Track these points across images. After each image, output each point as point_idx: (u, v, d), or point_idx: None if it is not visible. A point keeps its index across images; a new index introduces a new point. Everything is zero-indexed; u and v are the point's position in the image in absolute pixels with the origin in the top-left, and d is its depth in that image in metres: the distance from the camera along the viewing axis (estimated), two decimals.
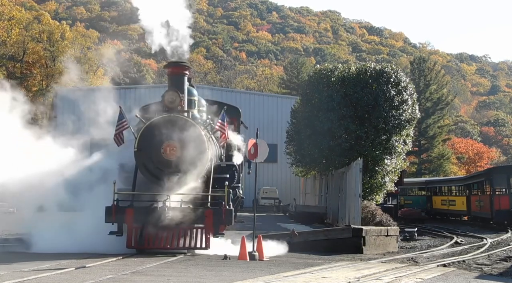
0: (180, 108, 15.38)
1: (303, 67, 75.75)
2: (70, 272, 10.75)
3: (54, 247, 14.54)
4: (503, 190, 33.59)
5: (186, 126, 14.97)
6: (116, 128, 15.49)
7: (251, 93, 57.50)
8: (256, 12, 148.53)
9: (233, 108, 21.13)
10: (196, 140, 14.85)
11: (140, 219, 14.34)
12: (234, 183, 16.77)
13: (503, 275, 13.37)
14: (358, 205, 21.67)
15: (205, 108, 18.44)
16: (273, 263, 13.26)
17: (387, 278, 10.79)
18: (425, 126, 60.50)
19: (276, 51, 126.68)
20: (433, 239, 25.46)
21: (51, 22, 65.17)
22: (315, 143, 27.22)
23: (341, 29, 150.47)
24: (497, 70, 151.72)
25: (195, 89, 17.71)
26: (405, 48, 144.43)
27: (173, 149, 14.72)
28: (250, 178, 20.65)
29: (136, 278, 10.16)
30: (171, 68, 16.09)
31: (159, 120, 15.07)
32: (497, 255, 18.49)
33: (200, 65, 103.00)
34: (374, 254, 18.05)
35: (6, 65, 57.66)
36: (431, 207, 45.31)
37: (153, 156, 14.88)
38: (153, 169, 14.95)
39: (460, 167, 71.63)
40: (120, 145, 15.67)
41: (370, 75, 26.61)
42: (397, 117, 26.00)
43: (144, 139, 14.98)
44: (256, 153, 15.43)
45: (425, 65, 63.10)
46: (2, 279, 9.63)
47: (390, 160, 26.28)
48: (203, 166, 15.07)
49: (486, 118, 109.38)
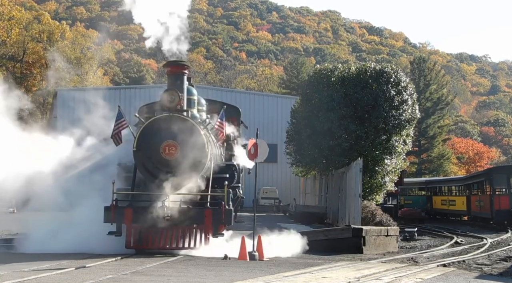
0: (179, 107, 15.26)
1: (303, 67, 75.74)
2: (70, 272, 10.75)
3: (49, 247, 14.46)
4: (503, 190, 33.58)
5: (185, 126, 14.87)
6: (115, 128, 15.46)
7: (251, 93, 57.52)
8: (256, 12, 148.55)
9: (233, 108, 21.03)
10: (195, 139, 14.77)
11: (139, 219, 14.29)
12: (234, 183, 16.67)
13: (503, 275, 13.37)
14: (358, 205, 21.68)
15: (204, 108, 18.35)
16: (273, 263, 13.26)
17: (387, 278, 10.79)
18: (425, 126, 60.49)
19: (276, 51, 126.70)
20: (433, 239, 25.44)
21: (51, 22, 65.20)
22: (315, 143, 27.22)
23: (341, 29, 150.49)
24: (497, 70, 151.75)
25: (194, 89, 17.64)
26: (405, 48, 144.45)
27: (172, 149, 14.63)
28: (250, 178, 20.66)
29: (136, 278, 10.16)
30: (170, 67, 16.00)
31: (158, 120, 15.00)
32: (497, 255, 18.48)
33: (200, 65, 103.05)
34: (374, 254, 18.05)
35: (6, 65, 57.66)
36: (431, 207, 45.29)
37: (152, 156, 14.79)
38: (152, 169, 14.85)
39: (460, 167, 71.63)
40: (118, 144, 15.64)
41: (370, 75, 26.61)
42: (397, 117, 25.99)
43: (143, 139, 14.87)
44: (256, 153, 15.42)
45: (425, 65, 63.08)
46: (2, 279, 9.63)
47: (390, 160, 26.27)
48: (203, 166, 14.99)
49: (486, 118, 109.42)
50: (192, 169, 14.78)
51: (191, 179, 14.86)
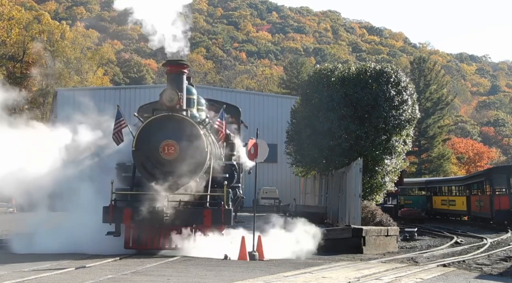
0: (178, 106, 15.08)
1: (303, 67, 75.72)
2: (70, 272, 10.75)
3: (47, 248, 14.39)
4: (503, 190, 33.59)
5: (184, 125, 14.75)
6: (114, 127, 15.39)
7: (251, 93, 57.51)
8: (256, 12, 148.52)
9: (233, 108, 20.87)
10: (194, 139, 14.62)
11: (138, 219, 14.16)
12: (234, 183, 16.49)
13: (503, 275, 13.37)
14: (358, 205, 21.68)
15: (204, 107, 18.21)
16: (273, 263, 13.25)
17: (387, 278, 10.78)
18: (425, 126, 60.48)
19: (276, 51, 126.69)
20: (433, 239, 25.44)
21: (51, 22, 65.18)
22: (315, 143, 27.22)
23: (341, 29, 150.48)
24: (497, 70, 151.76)
25: (194, 88, 17.52)
26: (405, 48, 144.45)
27: (172, 149, 14.49)
28: (250, 178, 20.64)
29: (136, 278, 10.15)
30: (169, 67, 15.78)
31: (157, 119, 14.86)
32: (497, 255, 18.49)
33: (200, 65, 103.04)
34: (374, 254, 18.06)
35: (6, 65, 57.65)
36: (431, 207, 45.29)
37: (151, 156, 14.65)
38: (151, 169, 14.71)
39: (460, 167, 71.61)
40: (119, 144, 15.54)
41: (370, 75, 26.61)
42: (397, 117, 26.00)
43: (142, 138, 14.73)
44: (256, 153, 15.42)
45: (425, 65, 63.08)
46: (2, 279, 9.63)
47: (390, 160, 26.28)
48: (202, 166, 14.85)
49: (486, 118, 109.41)
50: (192, 169, 14.66)
51: (190, 179, 14.73)
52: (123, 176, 15.40)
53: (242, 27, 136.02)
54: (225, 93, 48.32)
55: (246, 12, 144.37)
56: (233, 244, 14.61)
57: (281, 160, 42.54)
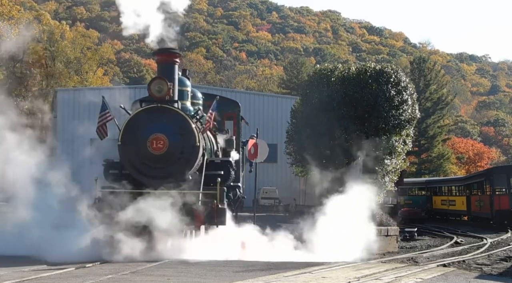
0: (168, 98, 13.95)
1: (303, 67, 75.71)
2: (70, 272, 10.75)
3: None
4: (503, 190, 33.62)
5: (174, 118, 13.75)
6: (99, 120, 14.49)
7: (251, 93, 57.50)
8: (256, 12, 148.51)
9: (232, 102, 19.67)
10: (185, 133, 13.67)
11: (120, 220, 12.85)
12: (230, 181, 15.32)
13: (503, 275, 13.37)
14: None
15: (201, 102, 17.18)
16: (273, 263, 13.24)
17: (387, 278, 10.78)
18: (425, 126, 60.48)
19: (276, 51, 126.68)
20: (433, 239, 25.47)
21: (51, 22, 65.21)
22: (315, 143, 27.21)
23: (341, 29, 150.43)
24: (497, 70, 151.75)
25: (189, 80, 16.51)
26: (405, 48, 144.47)
27: (160, 143, 13.43)
28: (250, 178, 20.62)
29: (136, 278, 10.15)
30: (159, 56, 14.68)
31: (145, 111, 13.86)
32: (497, 255, 18.50)
33: (200, 65, 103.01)
34: (374, 254, 18.04)
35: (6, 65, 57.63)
36: (431, 207, 45.30)
37: (138, 150, 13.64)
38: (139, 165, 13.74)
39: (460, 167, 71.59)
40: (103, 138, 14.62)
41: (370, 75, 26.62)
42: (397, 117, 26.00)
43: (129, 132, 13.73)
44: (256, 153, 15.42)
45: (425, 65, 63.06)
46: (2, 279, 9.62)
47: (390, 160, 26.27)
48: (194, 162, 13.87)
49: (486, 118, 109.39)
50: (182, 165, 13.76)
51: (181, 175, 13.66)
52: (110, 173, 14.22)
53: (242, 27, 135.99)
54: (225, 93, 48.26)
55: (246, 12, 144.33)
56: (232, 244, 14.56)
57: (281, 160, 42.51)
